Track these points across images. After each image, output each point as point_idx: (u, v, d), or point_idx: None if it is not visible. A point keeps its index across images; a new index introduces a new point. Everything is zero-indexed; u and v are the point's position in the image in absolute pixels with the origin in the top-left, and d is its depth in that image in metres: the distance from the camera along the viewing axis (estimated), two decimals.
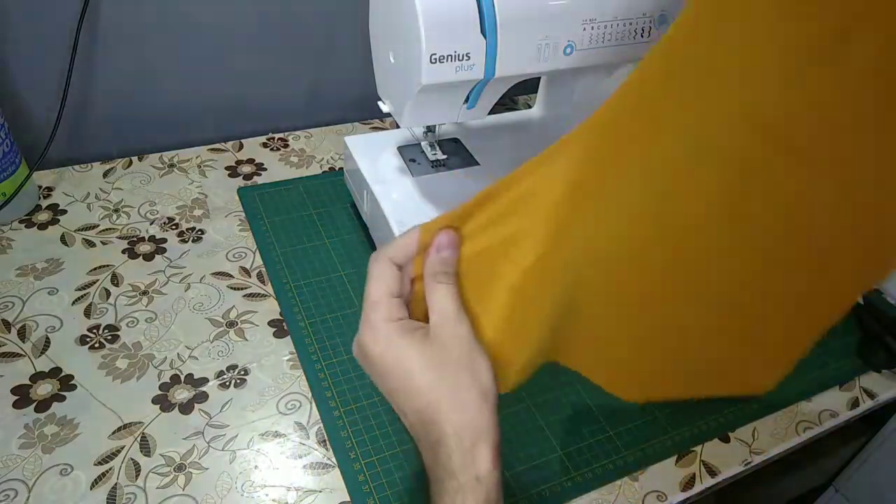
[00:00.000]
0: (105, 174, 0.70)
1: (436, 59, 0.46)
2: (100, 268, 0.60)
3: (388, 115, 0.63)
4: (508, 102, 0.92)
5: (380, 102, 0.56)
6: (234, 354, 0.54)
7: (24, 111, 0.68)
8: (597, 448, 0.50)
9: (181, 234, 0.64)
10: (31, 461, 0.45)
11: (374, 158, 0.62)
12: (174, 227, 0.65)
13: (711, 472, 0.50)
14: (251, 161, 0.75)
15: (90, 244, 0.62)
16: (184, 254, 0.62)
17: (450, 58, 0.46)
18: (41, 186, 0.68)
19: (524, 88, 0.91)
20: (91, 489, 0.44)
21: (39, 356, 0.51)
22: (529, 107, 0.75)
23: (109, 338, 0.54)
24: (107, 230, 0.64)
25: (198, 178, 0.72)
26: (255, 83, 0.78)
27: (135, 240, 0.63)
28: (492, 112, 0.56)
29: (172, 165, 0.73)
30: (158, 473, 0.45)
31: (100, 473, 0.45)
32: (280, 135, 0.80)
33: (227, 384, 0.51)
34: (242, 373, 0.52)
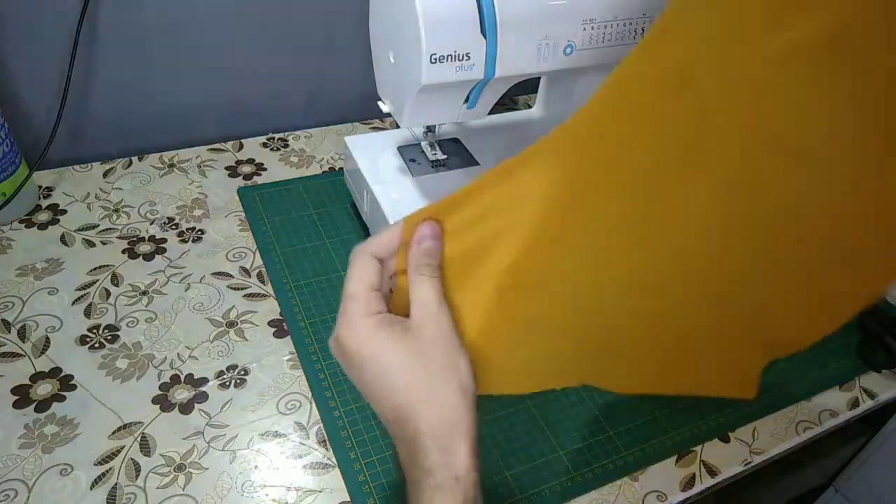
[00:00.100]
0: (105, 174, 0.70)
1: (436, 59, 0.46)
2: (100, 268, 0.60)
3: (388, 115, 0.63)
4: (508, 102, 0.92)
5: (380, 102, 0.56)
6: (234, 354, 0.54)
7: (24, 111, 0.68)
8: (597, 448, 0.50)
9: (181, 234, 0.64)
10: (31, 461, 0.45)
11: (374, 158, 0.62)
12: (174, 227, 0.65)
13: (711, 472, 0.50)
14: (251, 161, 0.75)
15: (90, 244, 0.62)
16: (184, 254, 0.62)
17: (450, 58, 0.46)
18: (41, 186, 0.68)
19: (524, 88, 0.91)
20: (91, 489, 0.44)
21: (39, 356, 0.51)
22: (529, 107, 0.75)
23: (109, 338, 0.54)
24: (107, 230, 0.64)
25: (198, 178, 0.72)
26: (255, 83, 0.78)
27: (135, 240, 0.63)
28: (492, 112, 0.56)
29: (172, 165, 0.73)
30: (158, 473, 0.45)
31: (100, 473, 0.45)
32: (280, 135, 0.80)
33: (227, 384, 0.51)
34: (242, 373, 0.52)
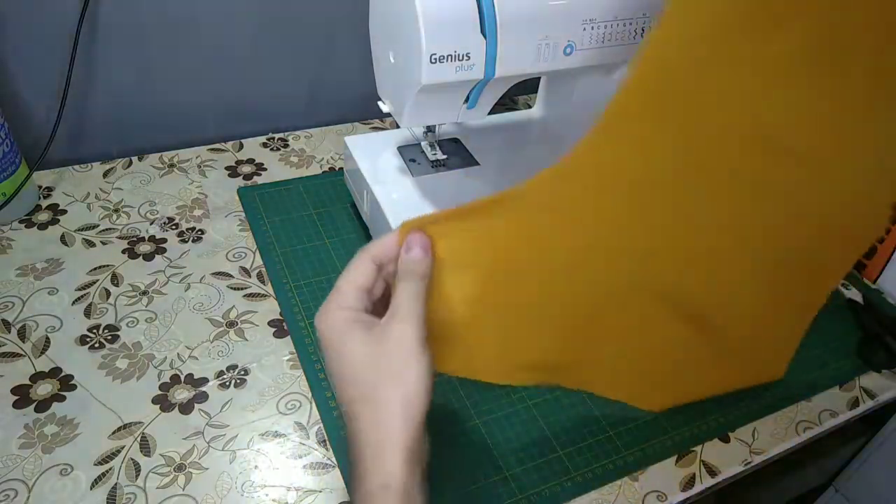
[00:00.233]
0: (105, 174, 0.70)
1: (436, 59, 0.46)
2: (100, 268, 0.60)
3: (388, 115, 0.63)
4: (508, 102, 0.92)
5: (380, 102, 0.56)
6: (234, 354, 0.54)
7: (24, 111, 0.68)
8: (597, 448, 0.50)
9: (181, 234, 0.64)
10: (31, 461, 0.45)
11: (374, 158, 0.62)
12: (174, 227, 0.65)
13: (711, 472, 0.50)
14: (251, 161, 0.75)
15: (90, 244, 0.62)
16: (184, 254, 0.62)
17: (450, 58, 0.46)
18: (41, 186, 0.68)
19: (524, 88, 0.91)
20: (91, 489, 0.44)
21: (39, 356, 0.51)
22: (529, 107, 0.75)
23: (109, 338, 0.54)
24: (107, 230, 0.64)
25: (198, 178, 0.72)
26: (255, 83, 0.78)
27: (135, 240, 0.63)
28: (492, 112, 0.56)
29: (172, 165, 0.73)
30: (158, 473, 0.45)
31: (100, 473, 0.45)
32: (280, 135, 0.80)
33: (227, 384, 0.51)
34: (242, 373, 0.52)
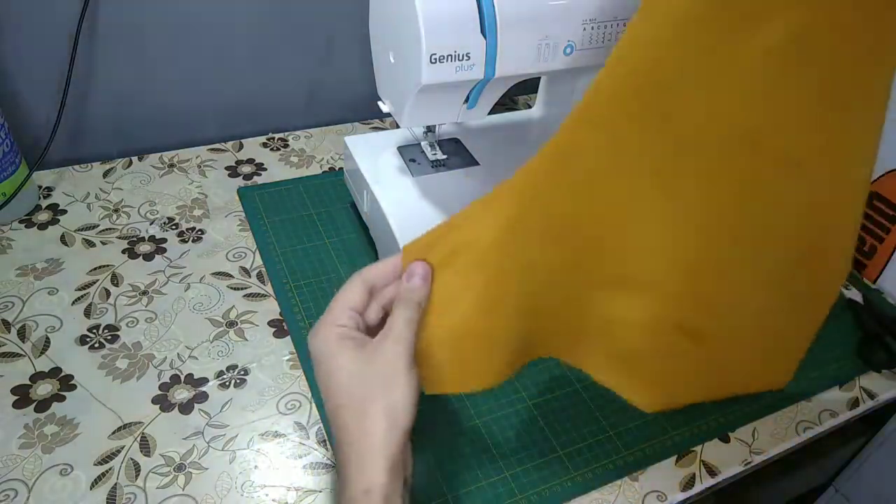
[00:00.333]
0: (105, 174, 0.70)
1: (436, 59, 0.46)
2: (100, 268, 0.60)
3: (388, 115, 0.63)
4: (508, 102, 0.92)
5: (380, 102, 0.56)
6: (234, 354, 0.54)
7: (24, 111, 0.68)
8: (597, 448, 0.50)
9: (181, 234, 0.64)
10: (31, 461, 0.45)
11: (374, 158, 0.62)
12: (174, 227, 0.65)
13: (711, 472, 0.50)
14: (251, 161, 0.75)
15: (90, 244, 0.62)
16: (184, 254, 0.62)
17: (450, 58, 0.46)
18: (41, 186, 0.68)
19: (524, 88, 0.91)
20: (91, 489, 0.44)
21: (39, 356, 0.51)
22: (529, 107, 0.75)
23: (109, 338, 0.54)
24: (107, 230, 0.64)
25: (198, 178, 0.72)
26: (255, 83, 0.78)
27: (135, 240, 0.63)
28: (492, 112, 0.56)
29: (172, 165, 0.73)
30: (158, 473, 0.45)
31: (100, 473, 0.45)
32: (280, 135, 0.80)
33: (227, 384, 0.51)
34: (242, 373, 0.52)
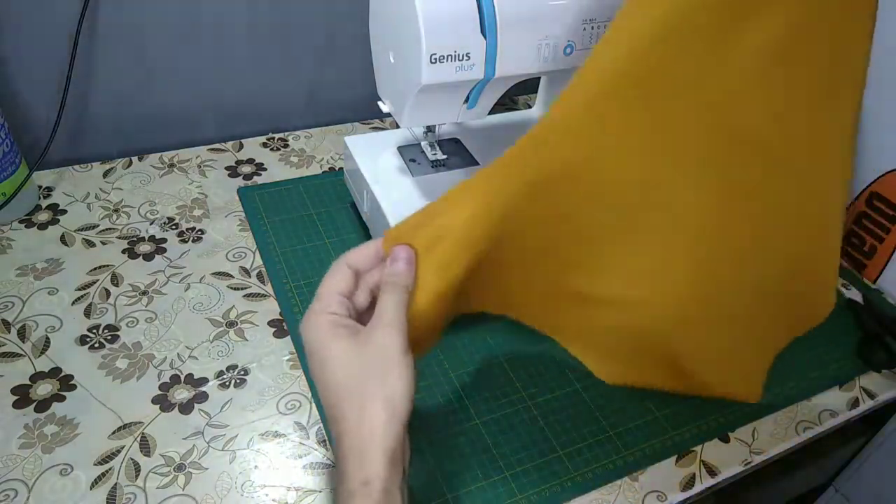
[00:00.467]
0: (105, 174, 0.70)
1: (436, 59, 0.46)
2: (100, 268, 0.60)
3: (388, 115, 0.63)
4: (508, 102, 0.92)
5: (380, 102, 0.56)
6: (234, 354, 0.54)
7: (24, 111, 0.68)
8: (597, 448, 0.50)
9: (181, 234, 0.64)
10: (31, 461, 0.45)
11: (374, 158, 0.62)
12: (174, 227, 0.65)
13: (711, 472, 0.50)
14: (251, 161, 0.75)
15: (90, 244, 0.62)
16: (184, 254, 0.62)
17: (450, 58, 0.46)
18: (41, 186, 0.68)
19: (524, 88, 0.91)
20: (91, 489, 0.44)
21: (39, 356, 0.51)
22: (529, 107, 0.75)
23: (109, 338, 0.54)
24: (107, 230, 0.64)
25: (198, 178, 0.72)
26: (255, 83, 0.78)
27: (135, 240, 0.63)
28: (492, 112, 0.56)
29: (172, 165, 0.73)
30: (158, 473, 0.45)
31: (100, 473, 0.45)
32: (280, 135, 0.80)
33: (227, 384, 0.51)
34: (242, 373, 0.52)
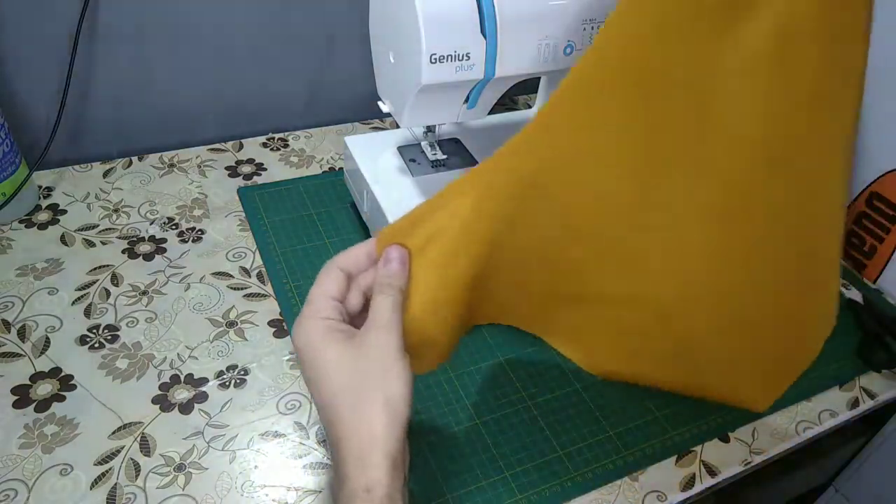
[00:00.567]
0: (105, 174, 0.70)
1: (436, 59, 0.46)
2: (100, 268, 0.60)
3: (388, 115, 0.63)
4: (508, 102, 0.92)
5: (380, 102, 0.56)
6: (234, 354, 0.54)
7: (24, 111, 0.68)
8: (597, 448, 0.50)
9: (181, 234, 0.64)
10: (31, 461, 0.45)
11: (374, 158, 0.62)
12: (174, 227, 0.65)
13: (711, 472, 0.50)
14: (251, 161, 0.75)
15: (90, 244, 0.62)
16: (184, 254, 0.62)
17: (450, 58, 0.46)
18: (41, 186, 0.68)
19: (524, 88, 0.91)
20: (91, 489, 0.44)
21: (39, 356, 0.51)
22: (529, 107, 0.75)
23: (109, 338, 0.54)
24: (107, 230, 0.64)
25: (198, 178, 0.72)
26: (255, 83, 0.78)
27: (135, 240, 0.63)
28: (492, 112, 0.56)
29: (172, 165, 0.73)
30: (158, 473, 0.45)
31: (100, 473, 0.45)
32: (280, 135, 0.80)
33: (227, 384, 0.52)
34: (242, 373, 0.52)
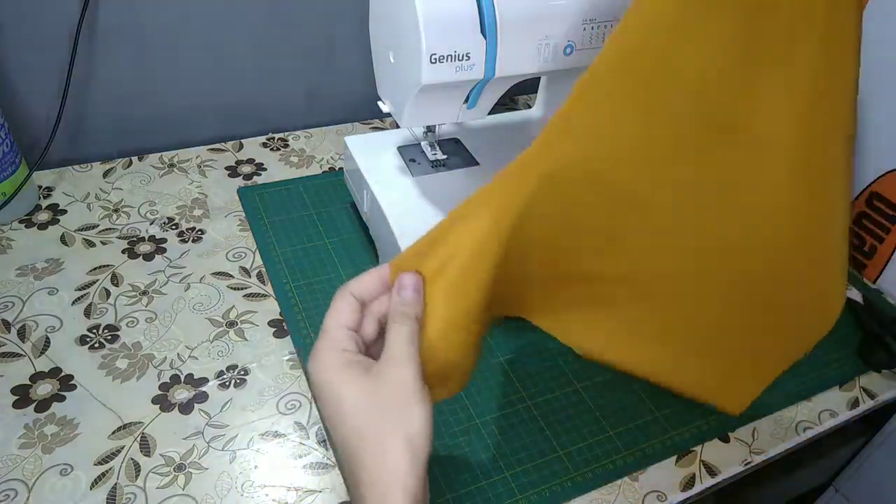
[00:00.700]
0: (105, 174, 0.70)
1: (436, 59, 0.46)
2: (100, 268, 0.60)
3: (388, 115, 0.63)
4: (508, 102, 0.92)
5: (380, 102, 0.56)
6: (234, 354, 0.54)
7: (24, 111, 0.68)
8: (597, 448, 0.50)
9: (181, 234, 0.64)
10: (31, 461, 0.45)
11: (374, 158, 0.62)
12: (174, 227, 0.65)
13: (711, 472, 0.50)
14: (251, 161, 0.75)
15: (90, 244, 0.62)
16: (184, 254, 0.62)
17: (450, 58, 0.46)
18: (41, 186, 0.68)
19: (524, 88, 0.91)
20: (91, 489, 0.44)
21: (39, 356, 0.51)
22: (529, 107, 0.75)
23: (109, 338, 0.54)
24: (107, 230, 0.64)
25: (198, 178, 0.72)
26: (255, 83, 0.78)
27: (135, 240, 0.63)
28: (492, 112, 0.56)
29: (172, 165, 0.73)
30: (158, 473, 0.45)
31: (100, 473, 0.45)
32: (280, 135, 0.80)
33: (227, 384, 0.52)
34: (242, 373, 0.52)
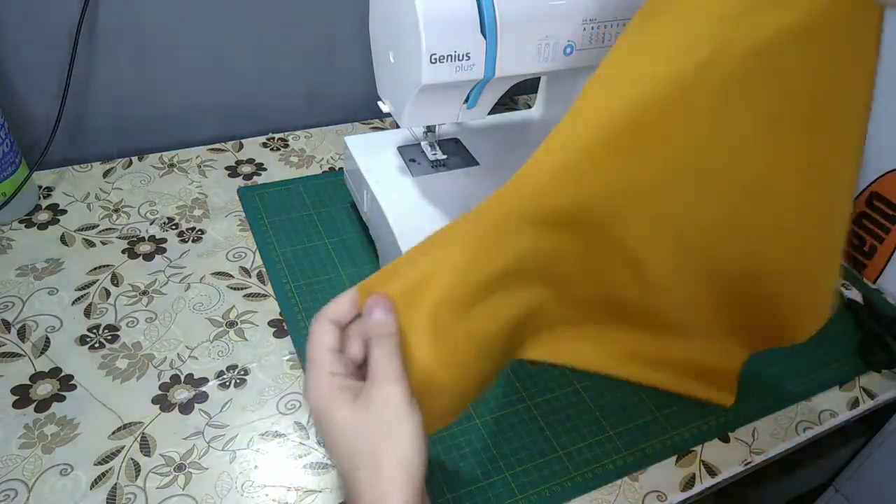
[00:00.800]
0: (105, 174, 0.70)
1: (436, 59, 0.46)
2: (100, 268, 0.60)
3: (388, 115, 0.64)
4: (508, 102, 0.92)
5: (380, 102, 0.56)
6: (234, 354, 0.54)
7: (24, 111, 0.68)
8: (597, 448, 0.50)
9: (181, 234, 0.64)
10: (31, 461, 0.45)
11: (374, 158, 0.62)
12: (174, 227, 0.65)
13: (711, 472, 0.50)
14: (251, 161, 0.75)
15: (90, 244, 0.62)
16: (184, 254, 0.62)
17: (450, 58, 0.46)
18: (41, 186, 0.68)
19: (524, 88, 0.91)
20: (91, 489, 0.44)
21: (39, 356, 0.51)
22: (529, 107, 0.75)
23: (109, 338, 0.54)
24: (107, 230, 0.64)
25: (198, 178, 0.72)
26: (255, 83, 0.78)
27: (135, 240, 0.63)
28: (492, 112, 0.56)
29: (172, 165, 0.73)
30: (158, 473, 0.45)
31: (100, 473, 0.45)
32: (280, 135, 0.80)
33: (227, 384, 0.52)
34: (242, 373, 0.52)
